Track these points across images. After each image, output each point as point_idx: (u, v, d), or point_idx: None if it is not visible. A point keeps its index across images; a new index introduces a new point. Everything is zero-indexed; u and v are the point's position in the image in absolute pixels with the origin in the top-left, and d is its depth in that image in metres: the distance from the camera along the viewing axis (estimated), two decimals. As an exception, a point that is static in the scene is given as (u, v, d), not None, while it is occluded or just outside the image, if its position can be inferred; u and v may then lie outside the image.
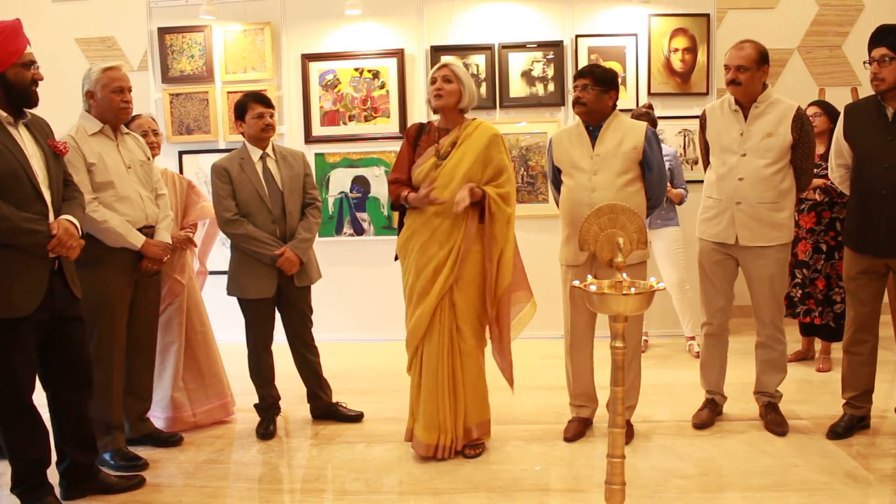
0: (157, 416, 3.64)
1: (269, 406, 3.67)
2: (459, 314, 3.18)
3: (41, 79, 2.73)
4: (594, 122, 3.30)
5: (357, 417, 3.74)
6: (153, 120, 3.71)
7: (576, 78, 3.30)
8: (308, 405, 3.82)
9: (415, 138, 3.35)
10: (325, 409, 3.77)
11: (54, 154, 2.78)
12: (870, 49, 3.15)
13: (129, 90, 3.22)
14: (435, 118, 3.38)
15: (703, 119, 3.56)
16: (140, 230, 3.20)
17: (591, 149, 3.29)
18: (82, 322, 2.90)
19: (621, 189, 3.22)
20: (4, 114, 2.64)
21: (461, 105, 3.25)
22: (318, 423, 3.76)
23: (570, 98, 3.36)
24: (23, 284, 2.61)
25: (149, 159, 3.39)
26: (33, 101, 2.71)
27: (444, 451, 3.19)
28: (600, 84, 3.23)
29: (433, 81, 3.25)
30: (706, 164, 3.60)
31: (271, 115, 3.55)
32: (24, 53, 2.65)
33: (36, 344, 2.71)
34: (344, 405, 3.80)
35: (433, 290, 3.16)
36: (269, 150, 3.59)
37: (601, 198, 3.09)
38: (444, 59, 3.43)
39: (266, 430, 3.58)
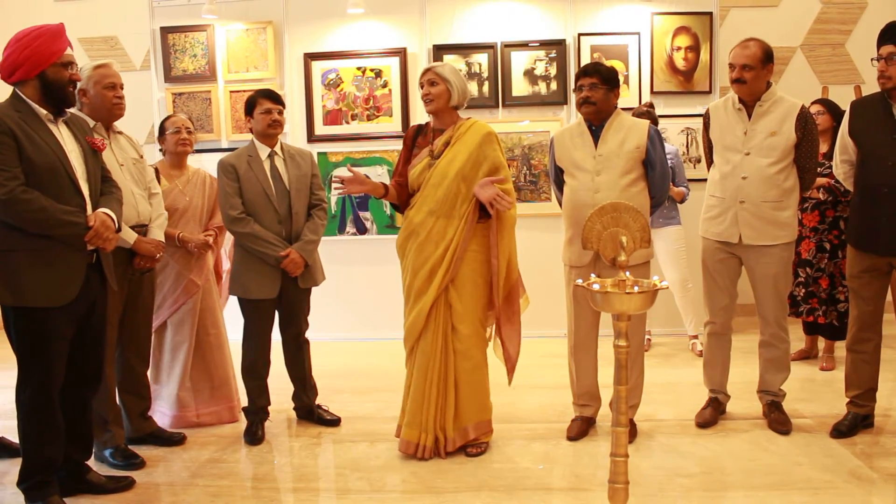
0: (165, 414, 3.67)
1: (258, 410, 3.62)
2: (455, 314, 3.19)
3: (79, 79, 2.86)
4: (598, 121, 3.29)
5: (335, 422, 3.72)
6: (188, 119, 3.78)
7: (580, 76, 3.27)
8: (292, 404, 3.81)
9: (412, 140, 3.38)
10: (306, 411, 3.77)
11: (92, 150, 2.88)
12: (878, 46, 3.14)
13: (121, 87, 3.24)
14: (430, 119, 3.39)
15: (706, 117, 3.55)
16: (133, 228, 3.20)
17: (594, 148, 3.28)
18: (105, 319, 2.96)
19: (625, 189, 3.21)
20: (44, 111, 2.74)
21: (452, 103, 3.24)
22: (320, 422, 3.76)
23: (572, 97, 3.35)
24: (61, 275, 2.70)
25: (142, 157, 3.39)
26: (70, 100, 2.82)
27: (423, 451, 3.20)
28: (607, 82, 3.23)
29: (421, 87, 3.26)
30: (709, 162, 3.59)
31: (279, 112, 3.53)
32: (64, 54, 2.76)
33: (70, 337, 2.77)
34: (325, 408, 3.79)
35: (430, 289, 3.17)
36: (277, 148, 3.57)
37: (605, 198, 3.06)
38: (434, 63, 3.41)
39: (254, 436, 3.53)
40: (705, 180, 3.61)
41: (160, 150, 3.79)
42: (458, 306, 3.19)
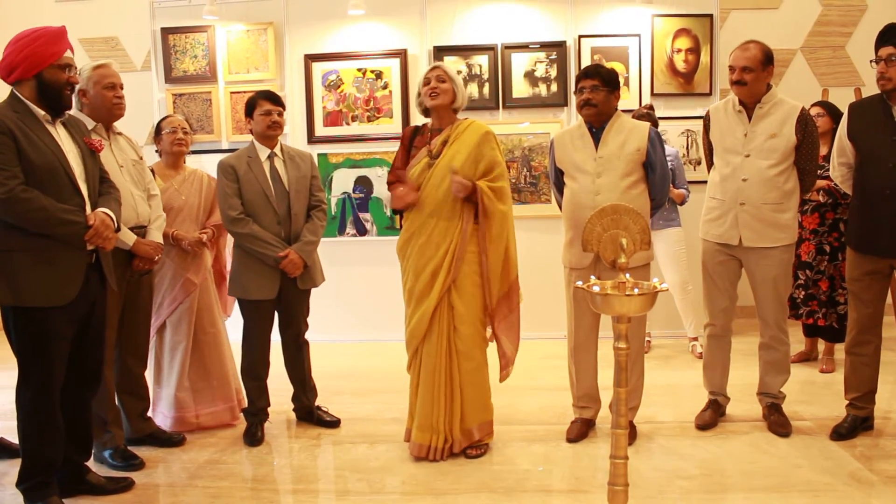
0: (165, 415, 3.66)
1: (257, 411, 3.62)
2: (457, 315, 3.19)
3: (76, 82, 2.87)
4: (599, 123, 3.29)
5: (334, 423, 3.72)
6: (184, 120, 3.79)
7: (581, 78, 3.27)
8: (291, 405, 3.81)
9: (409, 140, 3.38)
10: (305, 412, 3.77)
11: (90, 151, 2.89)
12: (876, 48, 3.14)
13: (121, 87, 3.24)
14: (427, 121, 3.39)
15: (706, 120, 3.55)
16: (132, 230, 3.20)
17: (595, 150, 3.28)
18: (105, 319, 2.96)
19: (625, 192, 3.21)
20: (42, 112, 2.74)
21: (455, 105, 3.27)
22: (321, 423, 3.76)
23: (573, 99, 3.34)
24: (61, 275, 2.70)
25: (141, 159, 3.39)
26: (66, 103, 2.81)
27: (435, 453, 3.20)
28: (608, 84, 3.23)
29: (427, 82, 3.26)
30: (710, 164, 3.59)
31: (279, 114, 3.54)
32: (63, 56, 2.76)
33: (70, 337, 2.77)
34: (325, 409, 3.79)
35: (432, 291, 3.17)
36: (277, 149, 3.57)
37: (605, 200, 3.06)
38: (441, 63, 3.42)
39: (254, 437, 3.53)
40: (705, 182, 3.62)
41: (156, 150, 3.79)
42: (459, 307, 3.19)
